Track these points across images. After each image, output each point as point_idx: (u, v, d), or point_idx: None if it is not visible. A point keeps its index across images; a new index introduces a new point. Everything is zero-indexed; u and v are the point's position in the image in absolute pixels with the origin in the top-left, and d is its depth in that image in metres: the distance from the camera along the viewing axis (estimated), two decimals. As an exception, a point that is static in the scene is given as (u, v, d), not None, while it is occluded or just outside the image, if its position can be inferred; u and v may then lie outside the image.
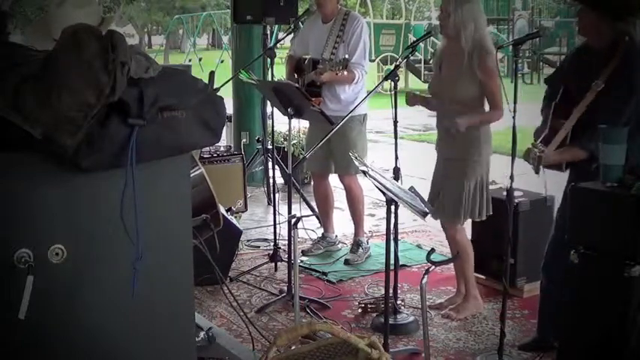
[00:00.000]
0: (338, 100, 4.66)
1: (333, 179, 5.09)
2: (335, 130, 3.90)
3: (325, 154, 4.66)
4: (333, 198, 5.11)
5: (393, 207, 3.28)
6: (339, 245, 5.04)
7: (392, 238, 3.46)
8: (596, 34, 3.09)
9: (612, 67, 2.98)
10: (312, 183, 6.93)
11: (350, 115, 4.08)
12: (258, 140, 6.42)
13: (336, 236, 5.11)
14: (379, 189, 3.10)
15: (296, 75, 4.89)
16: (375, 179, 3.04)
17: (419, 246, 5.26)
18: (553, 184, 3.49)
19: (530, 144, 3.10)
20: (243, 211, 5.82)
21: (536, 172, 3.04)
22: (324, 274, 4.62)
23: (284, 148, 6.30)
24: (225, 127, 2.41)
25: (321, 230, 5.16)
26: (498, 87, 3.61)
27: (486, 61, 3.63)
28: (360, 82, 4.69)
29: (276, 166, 5.63)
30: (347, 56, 4.45)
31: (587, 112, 3.04)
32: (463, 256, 3.88)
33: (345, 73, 4.46)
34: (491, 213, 3.82)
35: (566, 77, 3.30)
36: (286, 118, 4.07)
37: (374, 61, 16.15)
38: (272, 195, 5.38)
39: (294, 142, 6.79)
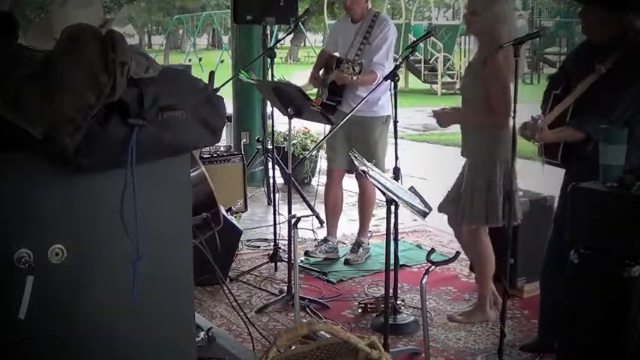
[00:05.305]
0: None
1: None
2: (337, 128, 3.94)
3: (348, 151, 4.64)
4: (342, 202, 5.10)
5: (393, 207, 3.28)
6: (339, 252, 5.00)
7: (392, 238, 3.46)
8: (600, 30, 3.11)
9: (618, 56, 3.03)
10: (312, 183, 6.96)
11: (374, 115, 4.65)
12: (258, 140, 6.42)
13: (337, 242, 5.09)
14: (379, 189, 3.10)
15: (322, 71, 4.90)
16: (375, 179, 3.04)
17: (419, 246, 5.26)
18: (553, 184, 3.48)
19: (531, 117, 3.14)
20: (243, 211, 5.81)
21: (529, 139, 3.11)
22: (324, 274, 4.62)
23: (284, 148, 6.30)
24: (225, 127, 2.41)
25: (320, 230, 5.15)
26: (500, 90, 3.47)
27: (493, 61, 3.48)
28: (382, 82, 4.64)
29: (276, 166, 5.62)
30: (362, 61, 4.44)
31: (586, 96, 3.07)
32: (480, 260, 3.84)
33: (360, 78, 4.44)
34: (518, 222, 3.64)
35: (568, 71, 3.33)
36: (286, 118, 4.08)
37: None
38: (272, 195, 5.37)
39: (294, 142, 6.79)
